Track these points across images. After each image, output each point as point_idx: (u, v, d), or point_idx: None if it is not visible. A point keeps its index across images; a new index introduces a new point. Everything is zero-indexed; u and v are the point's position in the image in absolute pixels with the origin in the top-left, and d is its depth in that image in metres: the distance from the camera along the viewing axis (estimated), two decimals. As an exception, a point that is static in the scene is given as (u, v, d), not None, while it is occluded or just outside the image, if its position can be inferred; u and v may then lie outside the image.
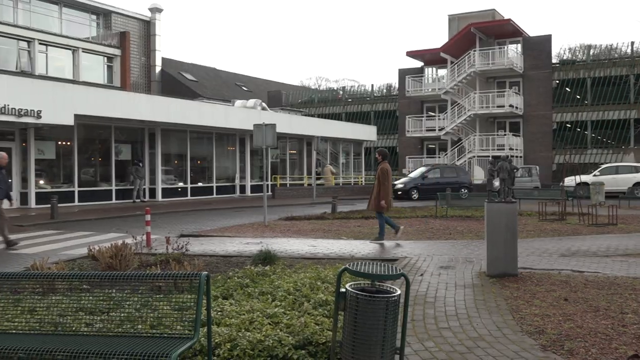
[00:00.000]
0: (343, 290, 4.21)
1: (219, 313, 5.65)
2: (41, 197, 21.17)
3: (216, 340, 4.76)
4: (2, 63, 28.96)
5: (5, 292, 4.93)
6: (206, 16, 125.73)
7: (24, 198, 21.25)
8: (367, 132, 38.93)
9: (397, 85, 44.76)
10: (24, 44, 30.14)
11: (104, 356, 3.77)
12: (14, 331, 4.46)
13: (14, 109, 18.27)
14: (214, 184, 29.01)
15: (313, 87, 62.96)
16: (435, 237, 13.09)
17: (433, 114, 41.15)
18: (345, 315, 4.17)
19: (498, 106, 36.61)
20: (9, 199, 12.32)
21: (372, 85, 49.28)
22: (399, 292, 4.15)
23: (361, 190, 33.50)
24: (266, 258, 8.80)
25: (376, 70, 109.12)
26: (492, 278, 7.86)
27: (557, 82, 37.69)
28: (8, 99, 18.13)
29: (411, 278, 7.79)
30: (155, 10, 38.10)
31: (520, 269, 8.32)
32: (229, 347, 4.68)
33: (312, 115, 42.05)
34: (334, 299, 4.32)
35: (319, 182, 32.89)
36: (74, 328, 4.55)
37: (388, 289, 4.21)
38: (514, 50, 38.31)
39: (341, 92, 49.84)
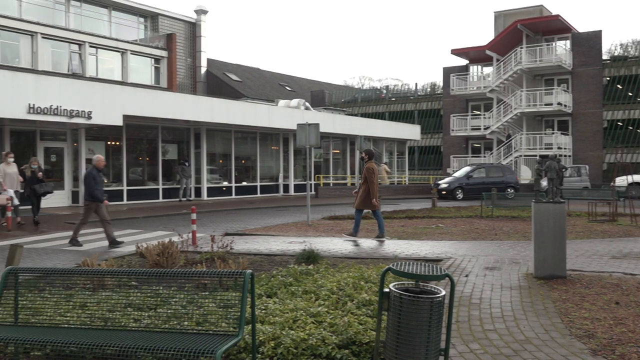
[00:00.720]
0: (386, 290, 4.19)
1: (263, 311, 5.70)
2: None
3: (260, 338, 4.81)
4: (55, 66, 29.89)
5: (58, 287, 5.10)
6: (250, 17, 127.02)
7: (75, 196, 21.90)
8: (410, 132, 38.62)
9: (441, 84, 44.24)
10: (75, 47, 31.04)
11: (152, 352, 3.85)
12: (66, 326, 4.60)
13: (66, 110, 18.84)
14: (258, 183, 29.26)
15: (356, 87, 62.83)
16: (481, 237, 12.88)
17: (478, 112, 40.51)
18: (388, 315, 4.15)
19: (546, 104, 35.76)
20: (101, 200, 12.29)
21: (416, 84, 48.84)
22: (443, 292, 4.11)
23: (404, 190, 33.29)
24: (309, 257, 8.83)
25: (420, 69, 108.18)
26: (540, 280, 7.69)
27: (608, 79, 36.56)
28: (60, 101, 18.70)
29: (456, 279, 7.69)
30: (201, 12, 38.68)
31: (569, 271, 8.12)
32: (273, 345, 4.72)
33: (355, 115, 41.95)
34: (378, 299, 4.29)
35: None
36: (122, 323, 4.66)
37: (432, 289, 4.17)
38: (562, 47, 37.35)
39: (384, 91, 49.56)
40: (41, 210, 16.56)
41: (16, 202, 15.30)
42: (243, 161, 29.23)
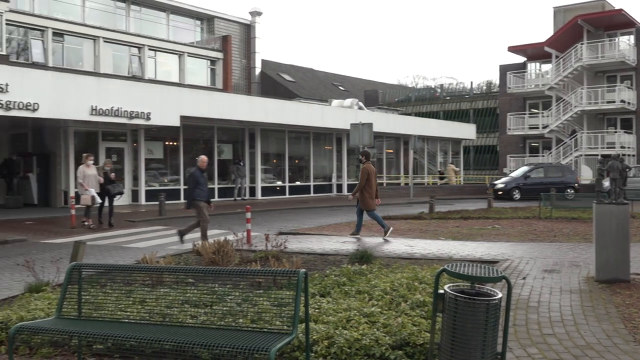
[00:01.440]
0: (441, 291, 4.13)
1: (316, 310, 5.71)
2: (150, 195, 22.36)
3: (314, 337, 4.82)
4: (116, 68, 30.87)
5: (119, 283, 5.25)
6: (304, 17, 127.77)
7: (135, 195, 22.57)
8: (465, 131, 37.98)
9: (497, 82, 43.33)
10: (135, 50, 31.96)
11: (208, 348, 3.92)
12: (126, 320, 4.74)
13: (126, 111, 19.42)
14: (311, 183, 29.40)
15: (410, 86, 62.27)
16: (539, 239, 12.55)
17: (536, 111, 39.45)
18: (443, 317, 4.09)
19: (608, 102, 34.50)
20: (208, 202, 12.36)
21: (471, 83, 48.11)
22: (500, 295, 4.02)
23: (459, 190, 32.78)
24: (363, 257, 8.81)
25: (475, 67, 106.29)
26: (601, 284, 7.43)
27: (676, 74, 34.96)
28: (121, 102, 19.30)
29: (513, 281, 7.51)
30: (255, 13, 39.16)
31: (633, 274, 7.81)
32: (326, 344, 4.73)
33: (409, 114, 41.58)
34: (432, 300, 4.24)
35: (443, 181, 33.40)
36: (180, 319, 4.77)
37: (488, 291, 4.08)
38: (626, 42, 35.94)
39: (439, 90, 48.94)
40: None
41: (99, 201, 15.39)
42: (297, 161, 29.41)
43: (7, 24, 24.83)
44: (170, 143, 24.03)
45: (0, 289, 8.08)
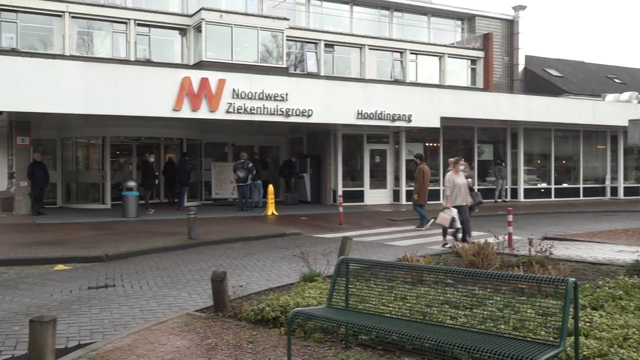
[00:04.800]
0: None
1: (587, 324, 5.27)
2: (411, 195, 22.93)
3: (584, 353, 4.46)
4: (380, 74, 32.38)
5: (381, 279, 5.50)
6: (572, 6, 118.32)
7: (396, 195, 23.39)
8: None
9: None
10: (397, 55, 33.14)
11: (468, 351, 3.88)
12: (388, 315, 4.94)
13: (389, 114, 20.25)
14: (580, 185, 27.15)
15: None
16: None
17: None
18: None
19: None
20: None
21: None
22: None
23: None
24: (644, 269, 7.84)
25: None
26: None
27: None
28: (384, 106, 20.19)
29: None
30: (519, 8, 37.56)
31: None
32: (598, 362, 4.33)
33: None
34: None
35: None
36: (439, 319, 4.81)
37: None
38: None
39: None
40: (365, 207, 18.01)
41: (457, 225, 12.16)
42: (563, 161, 27.43)
43: (287, 39, 27.78)
44: (430, 144, 24.36)
45: (280, 277, 9.09)
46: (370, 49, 32.14)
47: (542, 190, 26.30)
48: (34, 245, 11.87)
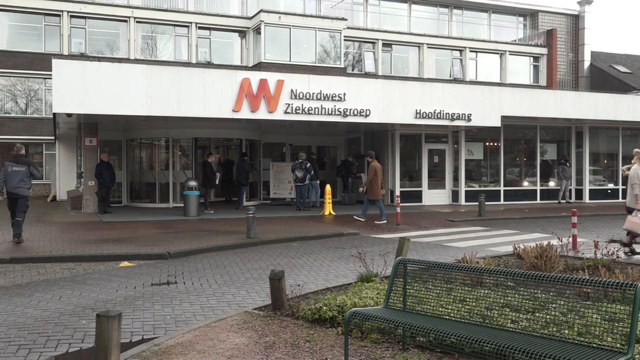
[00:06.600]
0: None
1: (657, 331, 5.03)
2: (470, 195, 22.57)
3: (654, 361, 4.27)
4: (438, 73, 31.99)
5: (440, 280, 5.42)
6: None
7: (454, 195, 23.03)
8: None
9: None
10: (456, 53, 32.65)
11: (530, 356, 3.77)
12: (446, 317, 4.87)
13: (448, 113, 19.94)
14: (651, 186, 25.96)
15: None
16: None
17: None
18: None
19: None
20: None
21: None
22: None
23: None
24: None
25: None
26: None
27: None
28: (443, 105, 19.91)
29: None
30: (585, 2, 36.33)
31: None
32: (669, 371, 4.14)
33: None
34: None
35: None
36: (500, 323, 4.70)
37: None
38: None
39: None
40: (423, 208, 17.81)
41: None
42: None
43: (344, 39, 27.80)
44: (491, 143, 23.85)
45: (337, 277, 9.10)
46: (428, 47, 31.79)
47: (609, 191, 25.32)
48: (101, 242, 12.33)
